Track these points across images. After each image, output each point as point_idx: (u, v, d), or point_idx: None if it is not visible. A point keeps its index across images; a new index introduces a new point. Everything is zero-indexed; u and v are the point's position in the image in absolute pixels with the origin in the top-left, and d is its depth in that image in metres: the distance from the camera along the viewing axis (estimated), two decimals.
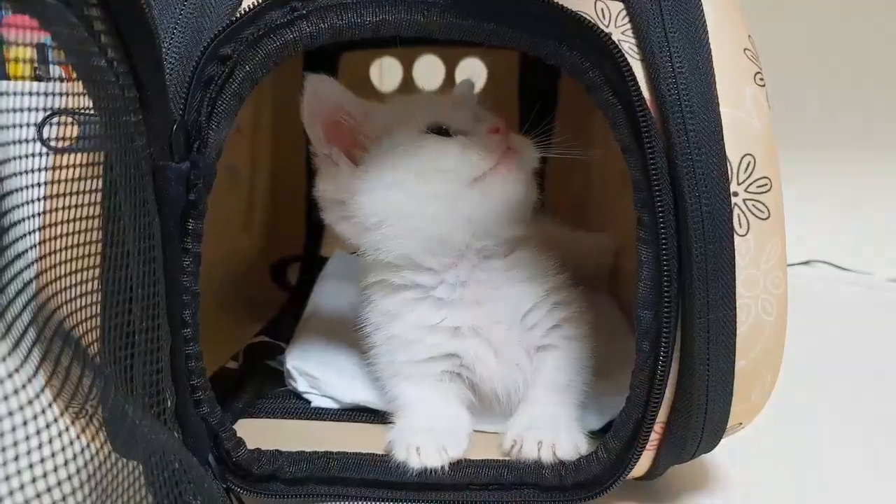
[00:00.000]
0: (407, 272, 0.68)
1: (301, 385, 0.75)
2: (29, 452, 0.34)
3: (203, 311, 0.57)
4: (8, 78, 1.38)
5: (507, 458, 0.64)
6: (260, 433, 0.64)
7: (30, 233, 0.36)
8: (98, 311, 0.42)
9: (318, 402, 0.74)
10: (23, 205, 0.36)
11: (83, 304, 0.41)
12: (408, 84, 1.13)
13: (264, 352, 0.84)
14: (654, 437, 0.59)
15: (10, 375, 0.32)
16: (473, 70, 1.14)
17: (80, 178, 0.41)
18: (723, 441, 0.61)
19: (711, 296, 0.53)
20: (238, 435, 0.60)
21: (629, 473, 0.60)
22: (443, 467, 0.62)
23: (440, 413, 0.67)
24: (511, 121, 1.15)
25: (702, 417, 0.57)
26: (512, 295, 0.68)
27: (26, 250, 0.34)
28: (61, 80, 0.44)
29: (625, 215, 0.95)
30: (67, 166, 0.43)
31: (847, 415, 0.84)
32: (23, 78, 0.43)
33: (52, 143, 0.44)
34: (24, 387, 0.33)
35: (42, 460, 0.35)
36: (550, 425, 0.64)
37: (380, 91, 1.14)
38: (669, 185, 0.53)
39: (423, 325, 0.68)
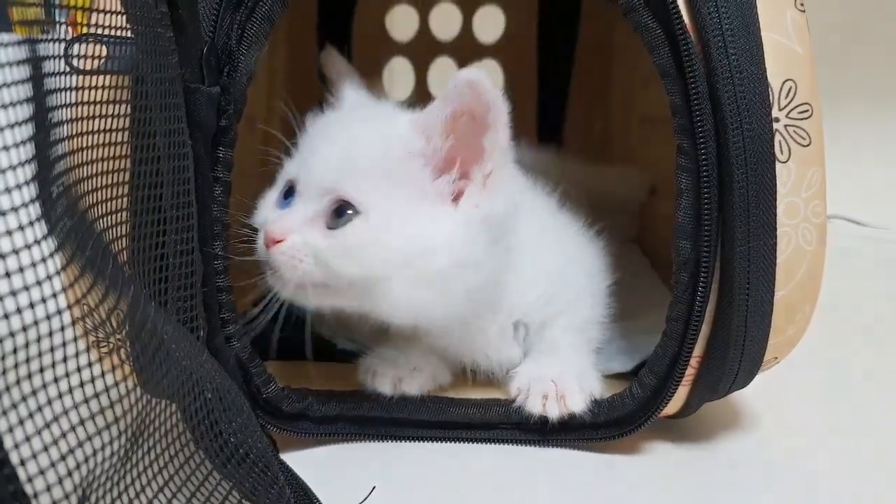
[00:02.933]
0: None
1: (326, 329, 0.74)
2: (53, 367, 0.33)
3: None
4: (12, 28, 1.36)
5: None
6: (286, 374, 0.64)
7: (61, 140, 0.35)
8: (130, 230, 0.41)
9: (342, 344, 0.73)
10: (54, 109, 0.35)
11: (115, 221, 0.40)
12: (423, 34, 1.11)
13: None
14: (690, 371, 0.58)
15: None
16: (492, 19, 1.12)
17: (111, 87, 0.39)
18: (755, 379, 0.61)
19: (752, 224, 0.52)
20: (268, 371, 0.59)
21: (663, 410, 0.59)
22: (478, 408, 0.62)
23: (413, 352, 0.64)
24: (529, 74, 1.14)
25: (739, 350, 0.56)
26: (491, 317, 0.62)
27: (64, 155, 0.33)
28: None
29: (648, 161, 0.95)
30: (96, 85, 0.42)
31: (874, 359, 0.84)
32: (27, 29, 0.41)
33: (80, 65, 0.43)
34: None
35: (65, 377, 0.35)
36: (559, 373, 0.61)
37: (395, 42, 1.13)
38: (710, 111, 0.52)
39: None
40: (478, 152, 0.53)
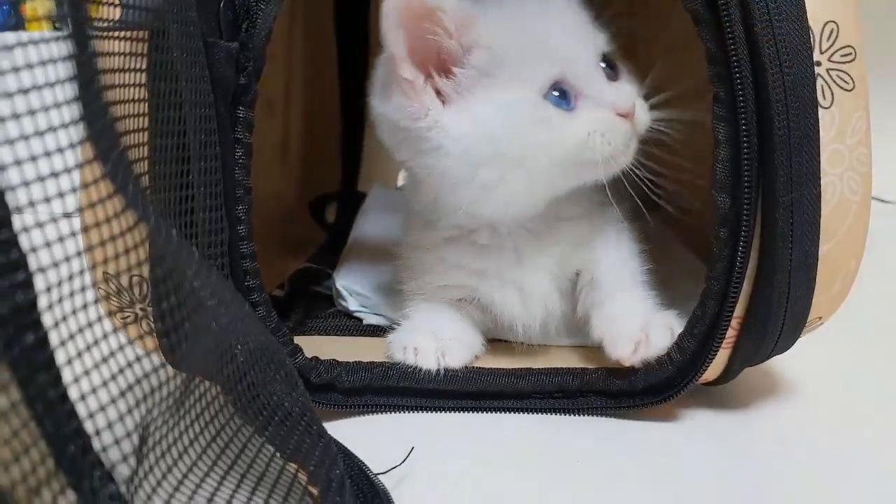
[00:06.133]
0: (456, 219, 0.61)
1: (352, 304, 0.73)
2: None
3: None
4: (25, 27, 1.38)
5: (570, 367, 0.61)
6: (313, 349, 0.62)
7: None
8: (152, 180, 0.40)
9: (369, 319, 0.72)
10: None
11: (140, 169, 0.38)
12: None
13: (310, 278, 0.81)
14: (731, 333, 0.55)
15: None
16: None
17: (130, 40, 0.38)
18: (794, 349, 0.58)
19: (795, 173, 0.50)
20: (295, 342, 0.58)
21: (703, 374, 0.57)
22: (511, 377, 0.60)
23: (446, 323, 0.64)
24: None
25: (782, 309, 0.53)
26: (547, 246, 0.63)
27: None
28: None
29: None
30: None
31: None
32: None
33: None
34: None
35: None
36: (649, 314, 0.59)
37: None
38: (748, 56, 0.50)
39: (452, 262, 0.64)
40: None
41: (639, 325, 0.57)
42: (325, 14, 1.08)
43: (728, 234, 0.53)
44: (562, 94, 0.55)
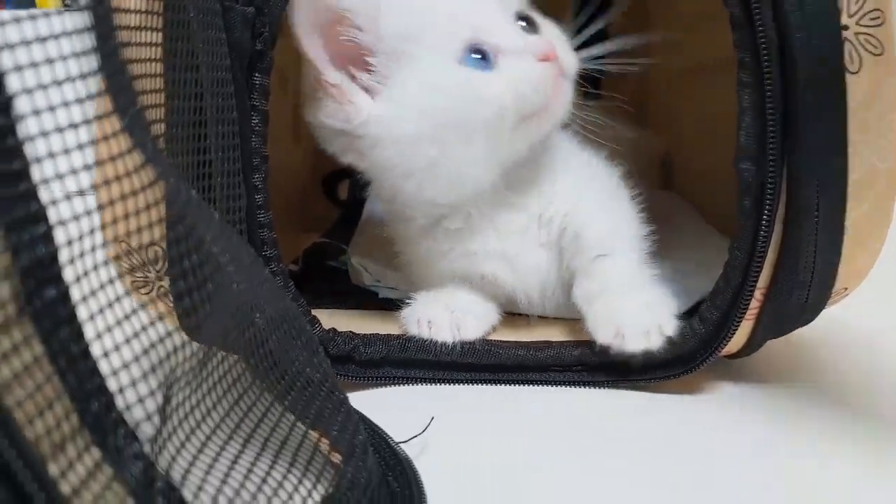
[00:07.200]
0: (421, 208, 0.61)
1: (367, 279, 0.73)
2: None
3: None
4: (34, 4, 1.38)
5: (590, 339, 0.60)
6: (330, 322, 0.61)
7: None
8: (172, 145, 0.39)
9: (384, 293, 0.71)
10: None
11: (156, 132, 0.37)
12: None
13: (324, 254, 0.81)
14: (754, 304, 0.55)
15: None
16: None
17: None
18: (816, 323, 0.57)
19: (821, 141, 0.49)
20: (312, 313, 0.57)
21: (725, 347, 0.56)
22: (529, 350, 0.59)
23: (459, 297, 0.64)
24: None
25: (808, 279, 0.53)
26: (521, 204, 0.62)
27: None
28: None
29: (687, 114, 0.91)
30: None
31: None
32: None
33: None
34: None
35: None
36: (642, 304, 0.57)
37: None
38: (773, 21, 0.49)
39: (434, 251, 0.63)
40: None
41: (618, 318, 0.57)
42: None
43: (752, 203, 0.52)
44: (482, 57, 0.54)
